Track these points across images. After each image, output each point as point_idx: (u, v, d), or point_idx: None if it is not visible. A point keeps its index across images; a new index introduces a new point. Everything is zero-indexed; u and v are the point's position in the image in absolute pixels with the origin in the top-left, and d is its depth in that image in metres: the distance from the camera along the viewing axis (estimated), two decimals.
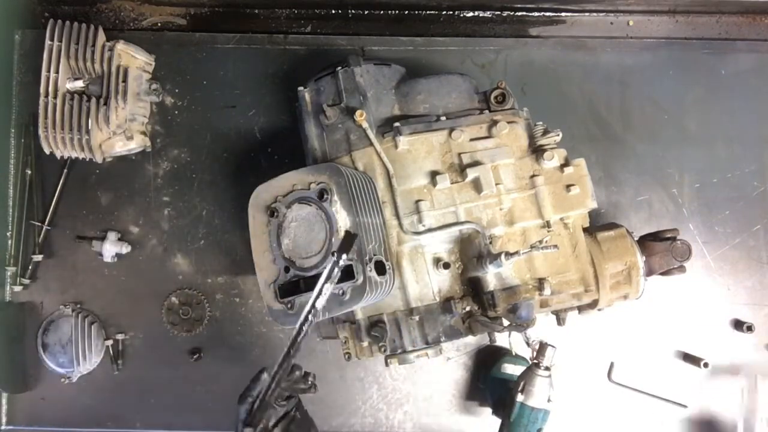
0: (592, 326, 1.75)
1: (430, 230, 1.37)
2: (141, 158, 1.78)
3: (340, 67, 1.47)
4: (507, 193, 1.40)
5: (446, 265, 1.39)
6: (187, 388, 1.76)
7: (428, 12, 1.92)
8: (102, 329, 1.74)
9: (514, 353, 1.70)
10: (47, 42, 1.61)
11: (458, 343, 1.77)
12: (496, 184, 1.39)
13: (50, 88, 1.61)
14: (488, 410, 1.68)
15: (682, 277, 1.55)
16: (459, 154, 1.41)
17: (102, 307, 1.76)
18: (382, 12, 1.91)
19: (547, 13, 1.93)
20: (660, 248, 1.52)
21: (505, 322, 1.40)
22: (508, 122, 1.45)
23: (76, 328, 1.70)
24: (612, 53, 1.86)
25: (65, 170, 1.75)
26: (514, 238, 1.42)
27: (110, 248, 1.72)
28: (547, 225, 1.42)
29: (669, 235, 1.54)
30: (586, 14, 1.94)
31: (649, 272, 1.51)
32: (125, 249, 1.73)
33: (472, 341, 1.77)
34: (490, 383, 1.66)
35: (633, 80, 1.85)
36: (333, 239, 1.25)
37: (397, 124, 1.39)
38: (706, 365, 1.74)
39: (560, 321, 1.52)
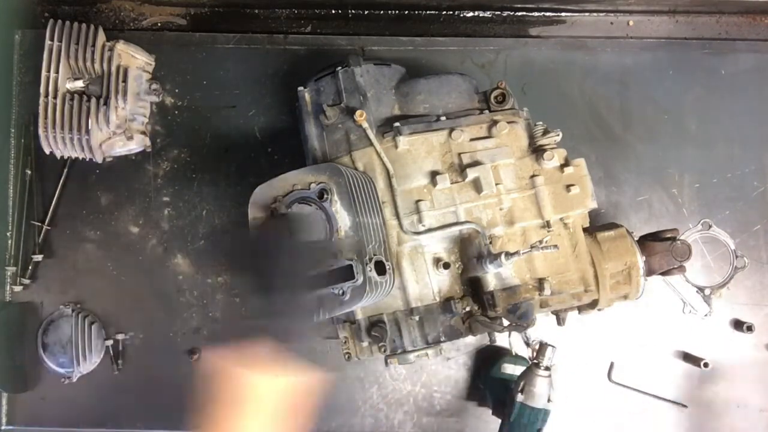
0: (592, 326, 1.75)
1: (430, 230, 1.37)
2: (141, 158, 1.78)
3: (340, 67, 1.47)
4: (507, 193, 1.40)
5: (446, 265, 1.39)
6: (187, 388, 1.75)
7: (428, 12, 1.92)
8: (102, 329, 1.74)
9: (514, 353, 1.70)
10: (47, 42, 1.61)
11: (458, 343, 1.77)
12: (496, 184, 1.39)
13: (50, 88, 1.61)
14: (488, 410, 1.68)
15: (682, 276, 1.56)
16: (459, 154, 1.41)
17: (102, 307, 1.76)
18: (382, 12, 1.91)
19: (547, 13, 1.93)
20: (660, 248, 1.52)
21: (505, 322, 1.40)
22: (508, 122, 1.44)
23: (76, 328, 1.70)
24: (612, 53, 1.86)
25: (65, 170, 1.76)
26: (514, 238, 1.42)
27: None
28: (547, 225, 1.42)
29: (669, 235, 1.54)
30: (586, 14, 1.93)
31: (649, 272, 1.51)
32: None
33: (472, 341, 1.76)
34: (490, 383, 1.66)
35: (633, 80, 1.85)
36: (333, 239, 1.25)
37: (397, 124, 1.39)
38: (706, 365, 1.74)
39: (560, 321, 1.52)
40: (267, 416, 1.19)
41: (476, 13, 1.93)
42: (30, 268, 1.74)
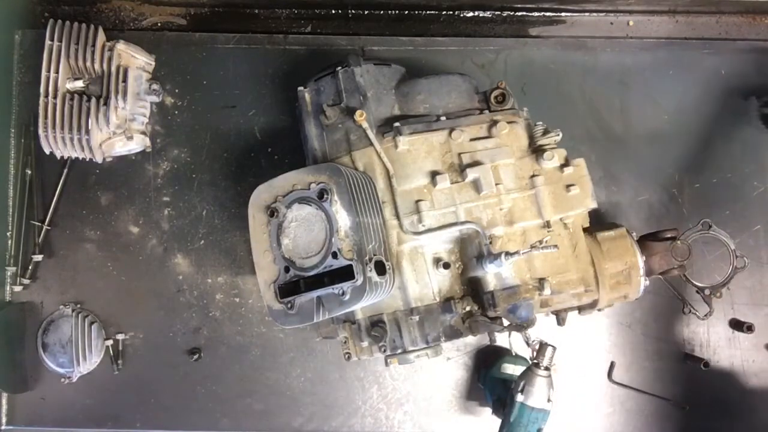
0: (592, 326, 1.75)
1: (430, 230, 1.36)
2: (141, 158, 1.78)
3: (340, 67, 1.47)
4: (507, 193, 1.40)
5: (446, 265, 1.39)
6: (187, 388, 1.76)
7: (428, 12, 1.92)
8: (102, 329, 1.74)
9: (514, 353, 1.70)
10: (47, 42, 1.61)
11: (458, 343, 1.77)
12: (496, 184, 1.39)
13: (50, 88, 1.61)
14: (488, 410, 1.68)
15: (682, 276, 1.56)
16: (459, 154, 1.41)
17: (102, 307, 1.76)
18: (382, 12, 1.91)
19: (547, 13, 1.93)
20: (660, 248, 1.52)
21: (505, 322, 1.40)
22: (508, 122, 1.45)
23: (76, 328, 1.70)
24: (612, 53, 1.86)
25: (65, 170, 1.75)
26: (514, 238, 1.41)
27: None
28: (547, 225, 1.42)
29: (669, 235, 1.54)
30: (586, 14, 1.94)
31: (649, 272, 1.51)
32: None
33: (472, 341, 1.77)
34: (490, 383, 1.66)
35: (633, 80, 1.85)
36: (333, 239, 1.25)
37: (397, 124, 1.39)
38: (706, 365, 1.74)
39: (560, 321, 1.52)
40: None
41: (476, 13, 1.93)
42: (30, 268, 1.74)
